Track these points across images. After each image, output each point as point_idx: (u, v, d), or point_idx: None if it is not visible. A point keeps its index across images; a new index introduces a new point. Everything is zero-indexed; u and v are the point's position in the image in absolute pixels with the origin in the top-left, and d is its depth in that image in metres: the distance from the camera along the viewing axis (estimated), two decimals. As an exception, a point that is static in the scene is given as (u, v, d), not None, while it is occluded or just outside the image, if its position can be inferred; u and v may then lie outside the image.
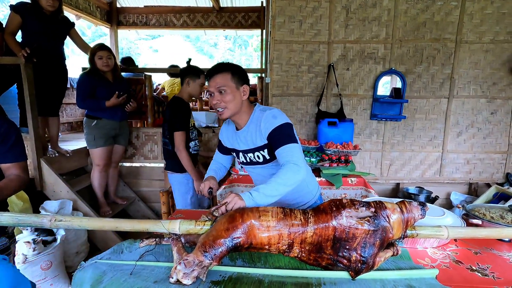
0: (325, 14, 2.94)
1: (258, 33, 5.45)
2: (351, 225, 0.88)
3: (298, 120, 3.15)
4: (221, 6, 5.38)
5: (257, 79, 4.24)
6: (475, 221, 1.27)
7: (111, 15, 5.32)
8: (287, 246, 0.92)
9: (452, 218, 1.22)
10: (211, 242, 0.88)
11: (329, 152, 2.60)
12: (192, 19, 5.48)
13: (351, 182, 2.42)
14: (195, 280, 0.84)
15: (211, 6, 5.35)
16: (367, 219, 0.88)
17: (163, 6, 5.47)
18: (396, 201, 0.98)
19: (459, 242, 1.20)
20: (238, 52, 22.41)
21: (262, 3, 5.03)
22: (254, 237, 0.90)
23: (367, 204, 0.92)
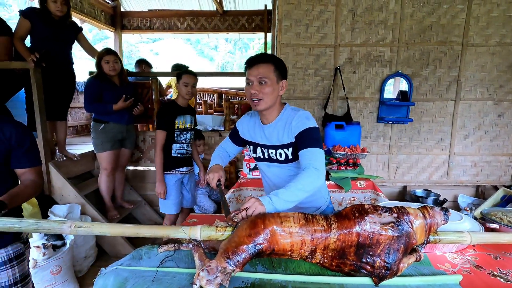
0: (332, 18, 2.95)
1: (260, 35, 5.47)
2: (375, 231, 0.88)
3: (305, 123, 3.14)
4: (224, 9, 5.40)
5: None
6: (492, 225, 1.26)
7: (115, 19, 5.34)
8: (309, 252, 0.91)
9: (470, 222, 1.21)
10: (233, 248, 0.88)
11: (337, 155, 2.60)
12: (196, 22, 5.50)
13: (360, 185, 2.42)
14: (218, 287, 0.84)
15: (215, 9, 5.37)
16: (391, 225, 0.88)
17: (167, 10, 5.50)
18: (418, 206, 0.97)
19: (477, 247, 1.19)
20: (239, 54, 22.46)
21: (265, 6, 5.05)
22: (277, 243, 0.89)
23: (389, 210, 0.92)
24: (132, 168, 3.44)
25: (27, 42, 2.52)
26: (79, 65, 3.08)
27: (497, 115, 3.05)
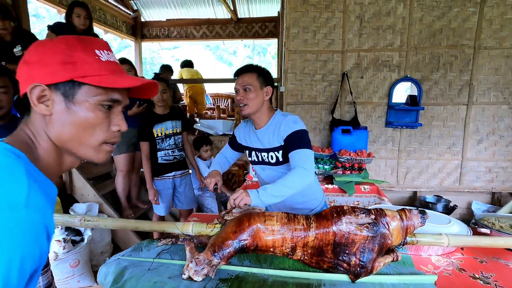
0: (339, 24, 3.00)
1: (276, 41, 5.57)
2: (350, 231, 0.93)
3: (312, 128, 3.20)
4: (239, 17, 5.56)
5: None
6: (483, 230, 1.27)
7: (136, 29, 5.65)
8: (290, 249, 0.98)
9: (458, 226, 1.23)
10: (220, 243, 0.97)
11: (342, 160, 2.62)
12: (211, 30, 5.70)
13: (364, 189, 2.43)
14: (204, 277, 0.93)
15: (229, 17, 5.54)
16: (366, 226, 0.94)
17: (183, 19, 5.74)
18: (397, 209, 1.02)
19: (465, 251, 1.21)
20: (257, 59, 22.68)
21: (278, 13, 5.15)
22: (260, 239, 0.97)
23: (368, 211, 0.97)
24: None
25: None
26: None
27: (513, 119, 2.95)
